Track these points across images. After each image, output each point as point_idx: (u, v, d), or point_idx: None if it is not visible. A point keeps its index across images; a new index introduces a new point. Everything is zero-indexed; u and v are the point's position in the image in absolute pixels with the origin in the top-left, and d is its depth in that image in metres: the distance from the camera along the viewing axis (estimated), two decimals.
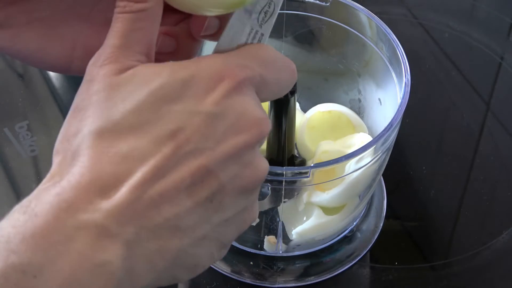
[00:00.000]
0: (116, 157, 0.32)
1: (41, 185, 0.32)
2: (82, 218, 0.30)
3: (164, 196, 0.32)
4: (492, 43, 0.79)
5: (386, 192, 0.64)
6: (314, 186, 0.54)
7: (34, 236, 0.30)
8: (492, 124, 0.72)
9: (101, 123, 0.32)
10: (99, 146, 0.32)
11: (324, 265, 0.59)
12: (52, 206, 0.30)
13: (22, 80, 0.77)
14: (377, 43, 0.58)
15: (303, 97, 0.64)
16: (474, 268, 0.60)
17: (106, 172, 0.31)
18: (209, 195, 0.33)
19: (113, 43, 0.34)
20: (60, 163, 0.33)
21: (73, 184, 0.31)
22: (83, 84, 0.34)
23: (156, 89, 0.33)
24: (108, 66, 0.34)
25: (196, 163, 0.33)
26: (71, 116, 0.34)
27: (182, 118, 0.33)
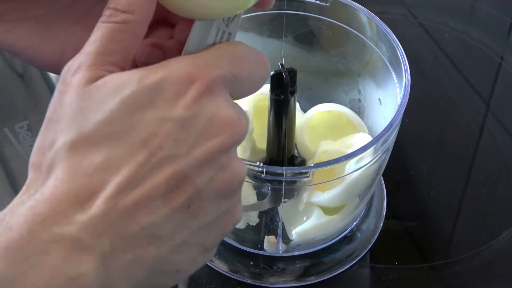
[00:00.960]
0: (90, 169, 0.31)
1: (16, 198, 0.32)
2: (56, 231, 0.30)
3: (139, 205, 0.32)
4: (492, 43, 0.79)
5: (386, 192, 0.64)
6: (314, 186, 0.54)
7: (8, 250, 0.30)
8: (492, 124, 0.72)
9: (73, 135, 0.32)
10: (73, 158, 0.32)
11: (324, 265, 0.59)
12: (26, 220, 0.30)
13: (22, 80, 0.77)
14: (377, 43, 0.58)
15: (303, 97, 0.64)
16: (474, 268, 0.60)
17: (80, 184, 0.31)
18: (185, 201, 0.33)
19: (88, 51, 0.34)
20: (35, 176, 0.33)
21: (47, 197, 0.31)
22: (56, 93, 0.34)
23: (126, 97, 0.32)
24: (80, 74, 0.33)
25: (170, 169, 0.32)
26: (45, 128, 0.33)
27: (154, 125, 0.32)
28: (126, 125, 0.32)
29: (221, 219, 0.35)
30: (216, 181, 0.33)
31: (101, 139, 0.32)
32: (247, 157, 0.57)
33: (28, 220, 0.30)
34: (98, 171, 0.31)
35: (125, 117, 0.32)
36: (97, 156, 0.32)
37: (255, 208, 0.56)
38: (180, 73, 0.33)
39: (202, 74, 0.33)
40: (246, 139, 0.50)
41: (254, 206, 0.56)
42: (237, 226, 0.57)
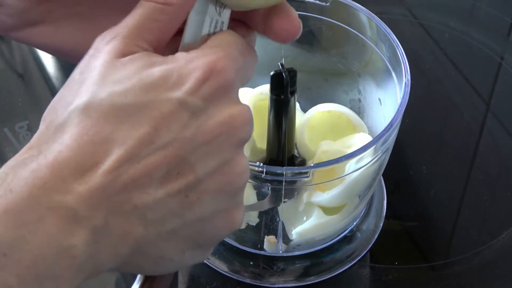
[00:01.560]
0: (97, 137, 0.32)
1: (18, 155, 0.33)
2: (54, 198, 0.30)
3: (136, 183, 0.32)
4: (492, 43, 0.79)
5: (386, 192, 0.64)
6: (314, 186, 0.54)
7: (7, 213, 0.30)
8: (492, 124, 0.72)
9: (88, 99, 0.32)
10: (83, 123, 0.32)
11: (324, 265, 0.59)
12: (27, 183, 0.31)
13: (22, 80, 0.77)
14: (377, 43, 0.58)
15: (303, 97, 0.64)
16: (474, 268, 0.60)
17: (84, 152, 0.31)
18: (183, 188, 0.33)
19: (125, 24, 0.34)
20: (41, 135, 0.33)
21: (50, 162, 0.31)
22: (86, 57, 0.34)
23: (147, 76, 0.33)
24: (113, 44, 0.34)
25: (173, 152, 0.32)
26: (65, 88, 0.34)
27: (166, 107, 0.33)
28: (140, 101, 0.32)
29: (219, 218, 0.35)
30: (218, 174, 0.34)
31: (113, 109, 0.32)
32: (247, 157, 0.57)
33: (29, 184, 0.30)
34: (104, 141, 0.32)
35: (140, 94, 0.32)
36: (105, 126, 0.32)
37: (255, 208, 0.56)
38: (201, 63, 0.34)
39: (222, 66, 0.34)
40: None
41: (254, 206, 0.56)
42: None
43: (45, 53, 0.78)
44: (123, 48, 0.34)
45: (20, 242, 0.30)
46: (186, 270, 0.60)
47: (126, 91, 0.32)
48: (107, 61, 0.33)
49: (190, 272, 0.60)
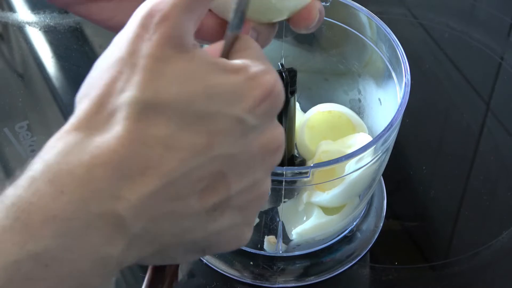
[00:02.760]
0: (153, 141, 0.31)
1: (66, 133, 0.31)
2: (105, 205, 0.30)
3: (180, 194, 0.32)
4: (492, 43, 0.79)
5: (386, 192, 0.64)
6: (314, 186, 0.54)
7: (56, 220, 0.29)
8: (492, 124, 0.72)
9: (149, 95, 0.31)
10: (140, 121, 0.31)
11: (324, 265, 0.59)
12: (80, 185, 0.30)
13: (22, 80, 0.77)
14: (377, 43, 0.58)
15: (303, 97, 0.64)
16: (474, 268, 0.60)
17: (138, 155, 0.31)
18: (216, 203, 0.33)
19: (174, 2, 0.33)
20: (91, 113, 0.31)
21: (104, 161, 0.30)
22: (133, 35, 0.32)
23: (213, 86, 0.32)
24: (166, 29, 0.32)
25: (218, 167, 0.32)
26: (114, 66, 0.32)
27: (225, 122, 0.32)
28: (203, 111, 0.32)
29: (231, 233, 0.35)
30: (246, 193, 0.34)
31: (174, 113, 0.31)
32: None
33: (82, 186, 0.30)
34: (159, 146, 0.31)
35: (205, 104, 0.32)
36: (163, 130, 0.31)
37: None
38: (263, 83, 0.33)
39: (280, 90, 0.34)
40: None
41: None
42: None
43: (45, 53, 0.78)
44: (177, 36, 0.32)
45: (64, 252, 0.29)
46: (186, 269, 0.60)
47: (190, 98, 0.32)
48: (164, 51, 0.32)
49: (190, 272, 0.60)
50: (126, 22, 0.35)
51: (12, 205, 0.29)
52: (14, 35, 0.81)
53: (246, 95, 0.33)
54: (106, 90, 0.32)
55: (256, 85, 0.33)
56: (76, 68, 0.78)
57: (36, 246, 0.29)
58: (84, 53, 0.79)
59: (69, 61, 0.78)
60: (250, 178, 0.34)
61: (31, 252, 0.28)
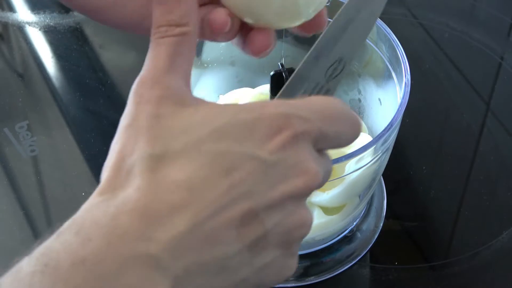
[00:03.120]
0: (173, 186, 0.31)
1: (91, 199, 0.32)
2: (136, 247, 0.30)
3: (217, 234, 0.32)
4: (492, 43, 0.79)
5: (386, 192, 0.64)
6: None
7: (85, 263, 0.29)
8: (492, 124, 0.72)
9: (160, 150, 0.32)
10: (156, 171, 0.32)
11: (324, 265, 0.59)
12: (107, 232, 0.30)
13: (22, 80, 0.77)
14: (377, 43, 0.58)
15: None
16: (474, 268, 0.60)
17: (162, 200, 0.31)
18: (254, 239, 0.33)
19: (159, 66, 0.34)
20: (111, 179, 0.32)
21: (129, 209, 0.30)
22: (131, 106, 0.34)
23: (219, 127, 0.33)
24: (159, 90, 0.34)
25: (247, 205, 0.33)
26: (123, 135, 0.33)
27: (239, 160, 0.33)
28: (213, 152, 0.32)
29: (277, 265, 0.35)
30: (281, 225, 0.34)
31: (186, 160, 0.32)
32: None
33: (109, 232, 0.30)
34: (180, 189, 0.31)
35: (213, 145, 0.32)
36: (180, 174, 0.32)
37: None
38: (272, 118, 0.34)
39: (291, 125, 0.34)
40: None
41: None
42: None
43: (45, 53, 0.78)
44: (170, 92, 0.34)
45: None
46: None
47: (199, 142, 0.32)
48: (162, 108, 0.33)
49: None
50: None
51: (41, 255, 0.29)
52: (14, 35, 0.81)
53: (254, 131, 0.33)
54: (120, 156, 0.33)
55: (265, 122, 0.34)
56: (76, 68, 0.78)
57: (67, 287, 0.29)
58: (84, 53, 0.79)
59: (69, 61, 0.78)
60: (284, 210, 0.34)
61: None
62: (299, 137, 0.34)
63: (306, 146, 0.35)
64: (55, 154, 0.70)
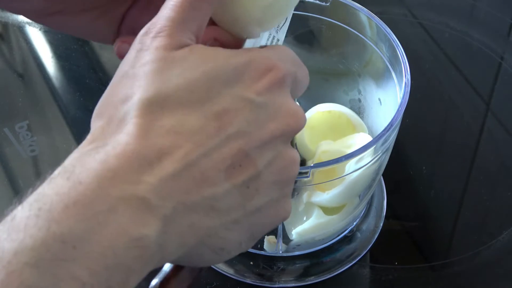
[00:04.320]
0: (163, 130, 0.32)
1: (82, 147, 0.33)
2: (125, 189, 0.31)
3: (205, 175, 0.33)
4: (492, 43, 0.79)
5: (386, 192, 0.64)
6: (314, 186, 0.54)
7: (77, 205, 0.30)
8: (492, 124, 0.72)
9: (152, 93, 0.33)
10: (147, 116, 0.32)
11: (324, 265, 0.59)
12: (97, 174, 0.31)
13: (22, 80, 0.77)
14: (377, 43, 0.58)
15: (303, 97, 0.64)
16: (474, 268, 0.60)
17: (151, 143, 0.32)
18: (245, 180, 0.34)
19: (169, 16, 0.35)
20: (104, 127, 0.33)
21: (119, 153, 0.31)
22: (132, 52, 0.35)
23: (211, 70, 0.34)
24: (162, 38, 0.34)
25: (237, 146, 0.34)
26: (118, 82, 0.34)
27: (229, 102, 0.34)
28: (205, 96, 0.33)
29: (272, 208, 0.36)
30: (274, 165, 0.35)
31: (177, 103, 0.33)
32: None
33: (99, 175, 0.31)
34: (170, 133, 0.32)
35: (205, 88, 0.34)
36: (170, 119, 0.33)
37: None
38: (260, 61, 0.35)
39: (277, 66, 0.36)
40: None
41: None
42: None
43: (45, 53, 0.78)
44: (174, 42, 0.34)
45: (90, 233, 0.30)
46: None
47: (191, 85, 0.33)
48: (162, 55, 0.34)
49: None
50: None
51: (34, 201, 0.30)
52: (14, 35, 0.81)
53: (244, 74, 0.35)
54: (113, 105, 0.34)
55: (255, 64, 0.35)
56: (76, 68, 0.78)
57: (61, 229, 0.29)
58: (84, 53, 0.79)
59: (69, 61, 0.78)
60: (274, 149, 0.35)
61: (57, 234, 0.29)
62: (284, 78, 0.36)
63: (287, 89, 0.37)
64: (55, 154, 0.70)
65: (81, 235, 0.30)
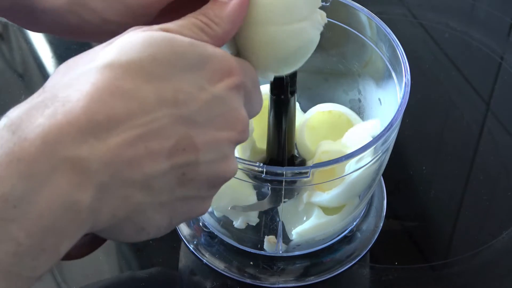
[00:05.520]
0: (118, 91, 0.32)
1: (31, 99, 0.32)
2: (69, 150, 0.30)
3: (149, 151, 0.33)
4: (492, 43, 0.79)
5: (386, 192, 0.64)
6: (314, 186, 0.54)
7: (20, 162, 0.30)
8: (492, 124, 0.72)
9: (116, 56, 0.33)
10: (106, 75, 0.32)
11: (324, 265, 0.59)
12: (43, 131, 0.30)
13: (22, 80, 0.77)
14: (377, 43, 0.58)
15: (303, 97, 0.64)
16: (474, 268, 0.60)
17: (104, 105, 0.32)
18: (184, 165, 0.34)
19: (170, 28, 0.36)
20: (57, 81, 0.33)
21: (67, 110, 0.31)
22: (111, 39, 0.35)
23: (177, 50, 0.34)
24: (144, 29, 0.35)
25: (185, 129, 0.34)
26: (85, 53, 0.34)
27: (188, 85, 0.34)
28: (167, 71, 0.34)
29: (195, 202, 0.37)
30: (214, 165, 0.36)
31: (139, 72, 0.33)
32: (247, 157, 0.57)
33: (45, 131, 0.30)
34: (125, 97, 0.32)
35: (168, 67, 0.34)
36: (129, 84, 0.33)
37: (255, 208, 0.56)
38: (225, 61, 0.36)
39: (239, 74, 0.37)
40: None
41: (254, 206, 0.56)
42: (237, 226, 0.57)
43: (45, 53, 0.78)
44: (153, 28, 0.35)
45: (30, 194, 0.30)
46: (187, 269, 0.60)
47: (156, 61, 0.34)
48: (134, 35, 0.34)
49: (190, 271, 0.60)
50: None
51: None
52: (14, 35, 0.81)
53: (206, 65, 0.35)
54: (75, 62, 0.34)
55: (219, 62, 0.36)
56: None
57: (2, 187, 0.29)
58: None
59: None
60: (219, 152, 0.36)
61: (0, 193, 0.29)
62: (241, 87, 0.37)
63: (242, 99, 0.37)
64: None
65: (22, 195, 0.29)
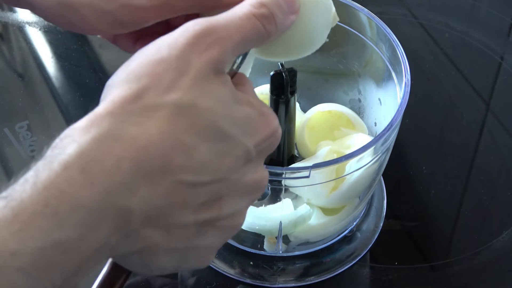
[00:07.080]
0: (176, 142, 0.33)
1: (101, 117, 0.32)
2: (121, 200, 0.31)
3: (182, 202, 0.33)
4: (492, 43, 0.79)
5: (386, 192, 0.64)
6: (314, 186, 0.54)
7: (82, 209, 0.30)
8: (492, 124, 0.72)
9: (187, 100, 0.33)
10: (172, 123, 0.33)
11: (324, 265, 0.59)
12: (109, 177, 0.31)
13: (22, 80, 0.77)
14: (377, 43, 0.58)
15: (303, 97, 0.64)
16: (474, 268, 0.60)
17: (163, 155, 0.32)
18: (206, 221, 0.35)
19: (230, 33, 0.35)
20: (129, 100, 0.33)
21: (133, 156, 0.31)
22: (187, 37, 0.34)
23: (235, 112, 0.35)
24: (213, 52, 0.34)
25: (218, 188, 0.35)
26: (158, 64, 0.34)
27: (235, 146, 0.35)
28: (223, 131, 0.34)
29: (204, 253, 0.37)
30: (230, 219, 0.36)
31: (202, 124, 0.33)
32: None
33: (110, 180, 0.31)
34: (183, 153, 0.33)
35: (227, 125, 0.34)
36: (190, 138, 0.33)
37: None
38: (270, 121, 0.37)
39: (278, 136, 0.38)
40: None
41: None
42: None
43: (45, 53, 0.78)
44: (221, 59, 0.34)
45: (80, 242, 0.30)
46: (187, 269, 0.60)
47: (219, 114, 0.34)
48: (208, 68, 0.34)
49: (190, 271, 0.59)
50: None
51: (44, 189, 0.30)
52: (14, 35, 0.81)
53: (258, 130, 0.36)
54: (150, 84, 0.33)
55: (267, 123, 0.37)
56: (76, 68, 0.78)
57: (60, 234, 0.30)
58: (84, 53, 0.79)
59: (69, 61, 0.78)
60: (238, 206, 0.36)
61: (56, 240, 0.30)
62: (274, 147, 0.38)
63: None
64: None
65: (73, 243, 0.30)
